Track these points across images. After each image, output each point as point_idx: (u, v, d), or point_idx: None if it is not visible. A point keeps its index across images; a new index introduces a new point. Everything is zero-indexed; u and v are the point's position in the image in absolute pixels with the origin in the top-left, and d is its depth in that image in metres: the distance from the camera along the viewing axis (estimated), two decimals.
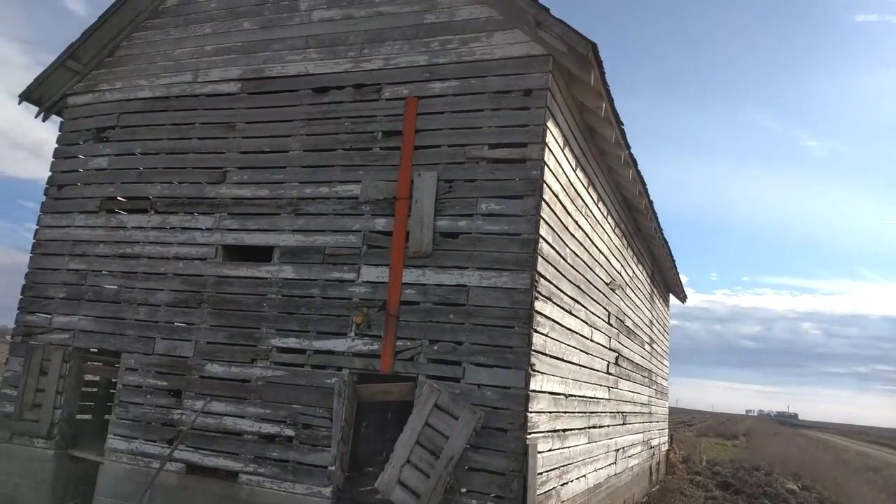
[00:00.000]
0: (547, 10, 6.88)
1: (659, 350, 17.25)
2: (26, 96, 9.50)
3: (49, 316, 8.74)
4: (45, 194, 9.30)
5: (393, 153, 7.45)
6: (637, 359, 13.51)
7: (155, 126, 8.75)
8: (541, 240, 6.74)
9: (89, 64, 9.37)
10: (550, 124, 7.04)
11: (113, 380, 9.71)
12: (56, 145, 9.46)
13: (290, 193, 7.83)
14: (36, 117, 9.69)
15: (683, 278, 19.41)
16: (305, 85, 8.03)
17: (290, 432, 7.10)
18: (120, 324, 8.26)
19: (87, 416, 9.73)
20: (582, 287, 8.65)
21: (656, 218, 12.34)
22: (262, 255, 7.92)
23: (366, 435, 9.21)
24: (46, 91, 9.47)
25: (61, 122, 9.55)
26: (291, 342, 7.37)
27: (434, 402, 6.36)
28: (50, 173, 9.35)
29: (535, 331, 6.57)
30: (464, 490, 6.28)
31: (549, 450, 7.08)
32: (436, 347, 6.73)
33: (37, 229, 9.18)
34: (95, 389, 10.29)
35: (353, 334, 7.10)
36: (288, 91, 8.11)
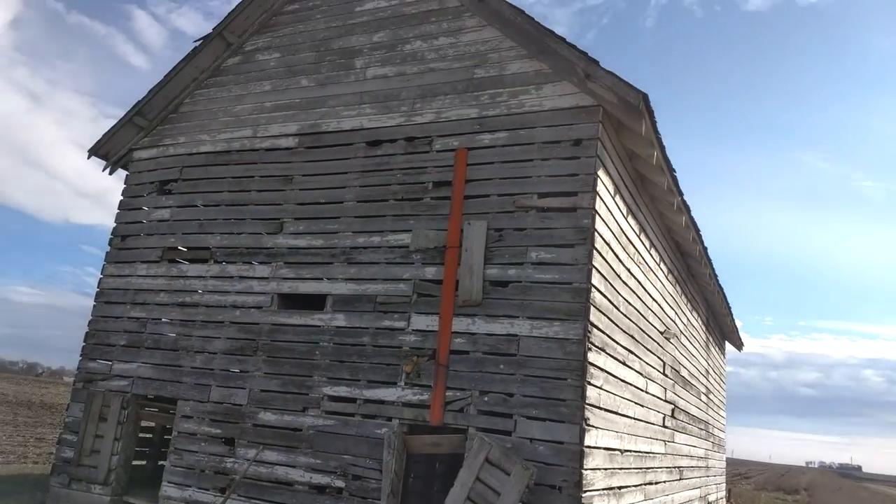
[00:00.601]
0: (596, 62, 6.97)
1: (715, 400, 16.57)
2: (95, 151, 10.05)
3: (109, 363, 9.02)
4: (109, 244, 9.71)
5: (443, 203, 7.55)
6: (693, 410, 13.01)
7: (216, 179, 9.13)
8: (593, 289, 6.66)
9: (154, 120, 9.89)
10: (601, 173, 7.04)
11: (167, 426, 9.88)
12: (121, 197, 9.93)
13: (343, 243, 7.99)
14: (103, 171, 10.21)
15: (738, 323, 18.75)
16: (359, 139, 8.28)
17: (340, 483, 7.05)
18: (177, 371, 8.46)
19: (141, 462, 9.87)
20: (636, 336, 8.46)
21: (710, 264, 12.04)
22: (315, 303, 8.05)
23: (412, 486, 9.06)
24: (114, 146, 10.01)
25: (126, 176, 10.04)
26: (342, 391, 7.40)
27: (485, 456, 6.24)
28: (114, 224, 9.79)
29: (589, 383, 6.42)
30: None
31: None
32: (486, 399, 6.64)
33: (100, 279, 9.56)
34: (150, 435, 10.46)
35: (403, 383, 7.08)
36: (343, 145, 8.37)
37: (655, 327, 9.65)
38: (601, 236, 6.98)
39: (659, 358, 9.88)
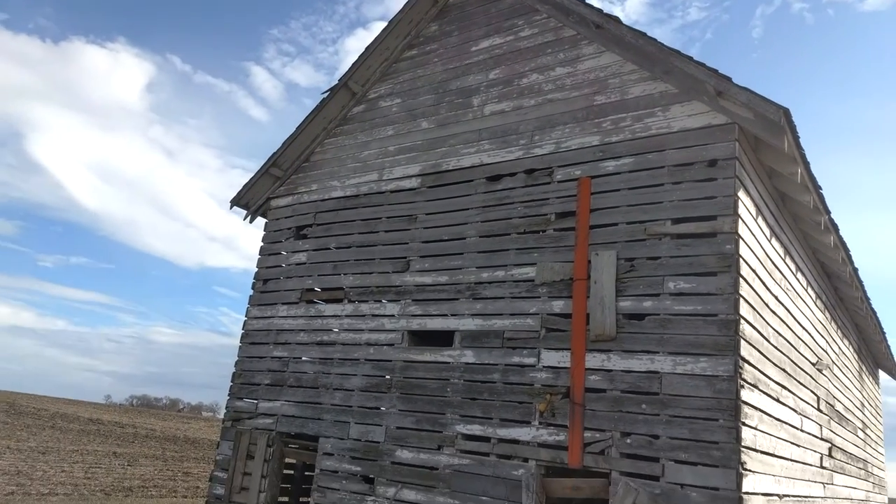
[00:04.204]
0: (728, 78, 6.57)
1: (873, 436, 14.81)
2: (236, 202, 10.87)
3: (255, 401, 9.58)
4: (252, 288, 10.41)
5: (567, 234, 7.38)
6: (851, 448, 11.67)
7: (347, 222, 9.55)
8: (741, 320, 6.16)
9: (288, 169, 10.56)
10: (741, 194, 6.57)
11: (308, 462, 10.29)
12: (261, 243, 10.64)
13: (467, 278, 8.02)
14: (244, 219, 11.01)
15: (893, 348, 16.69)
16: (480, 175, 8.34)
17: None
18: (318, 408, 8.81)
19: (284, 499, 10.31)
20: (787, 370, 7.73)
21: (862, 286, 10.86)
22: (444, 339, 8.11)
23: None
24: (253, 196, 10.79)
25: (265, 223, 10.77)
26: (476, 429, 7.34)
27: (632, 502, 5.88)
28: (256, 269, 10.49)
29: (743, 423, 5.91)
30: None
31: None
32: (629, 441, 6.30)
33: (245, 320, 10.25)
34: (292, 472, 10.92)
35: (536, 423, 6.90)
36: (463, 182, 8.47)
37: (807, 359, 8.79)
38: (746, 262, 6.48)
39: (812, 392, 8.98)
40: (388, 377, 8.27)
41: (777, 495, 6.78)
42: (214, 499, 9.43)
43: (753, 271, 6.70)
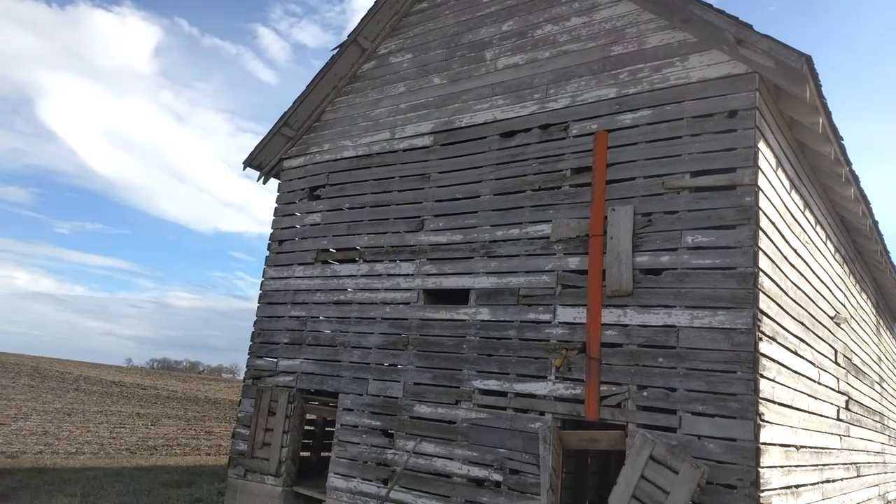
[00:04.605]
0: (749, 26, 6.38)
1: (889, 389, 14.83)
2: (249, 163, 10.83)
3: (275, 360, 9.73)
4: (268, 249, 10.46)
5: (583, 190, 7.31)
6: (867, 401, 11.70)
7: (360, 182, 9.51)
8: (760, 273, 6.12)
9: (300, 129, 10.48)
10: (761, 145, 6.44)
11: (328, 419, 10.51)
12: (275, 205, 10.65)
13: (482, 237, 8.00)
14: (258, 181, 11.00)
15: None
16: (494, 131, 8.23)
17: (497, 477, 7.09)
18: (336, 366, 8.94)
19: (306, 454, 10.56)
20: (806, 323, 7.70)
21: (882, 240, 10.72)
22: (459, 297, 8.14)
23: (564, 481, 8.93)
24: (265, 157, 10.74)
25: (279, 184, 10.75)
26: (492, 384, 7.42)
27: (649, 453, 5.96)
28: (271, 230, 10.53)
29: (762, 376, 5.92)
30: None
31: None
32: (645, 394, 6.34)
33: (262, 281, 10.34)
34: (313, 428, 11.16)
35: (553, 377, 6.96)
36: (477, 139, 8.37)
37: (825, 312, 8.74)
38: (765, 215, 6.39)
39: (830, 346, 8.96)
40: (404, 335, 8.35)
41: (794, 446, 6.84)
42: (238, 454, 9.67)
43: (773, 224, 6.62)
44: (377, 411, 8.33)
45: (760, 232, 6.20)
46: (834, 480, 8.69)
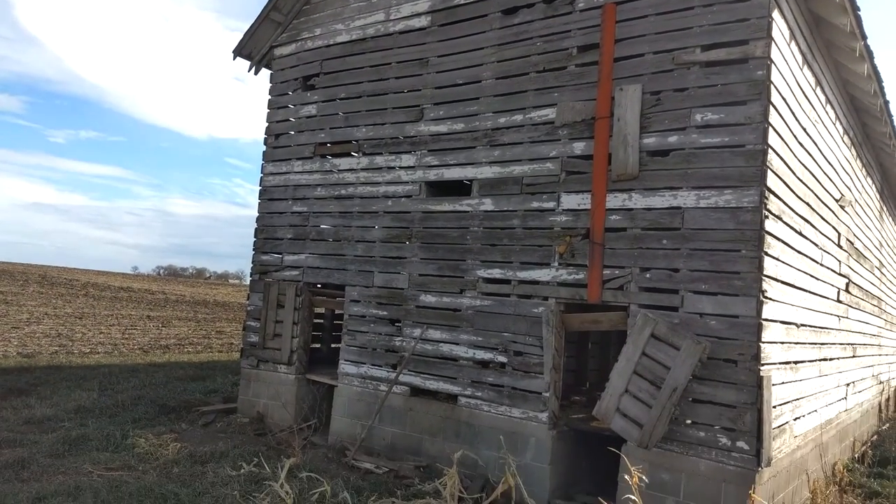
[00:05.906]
0: None
1: (889, 275, 15.04)
2: (238, 52, 10.34)
3: (280, 255, 9.77)
4: (265, 143, 10.22)
5: (589, 69, 7.02)
6: (867, 285, 11.89)
7: (354, 70, 9.12)
8: (770, 150, 5.97)
9: (290, 13, 9.91)
10: (775, 15, 6.10)
11: (337, 311, 10.71)
12: (268, 96, 10.27)
13: (484, 125, 7.77)
14: (249, 70, 10.52)
15: None
16: (495, 7, 7.78)
17: (502, 359, 7.30)
18: (341, 260, 8.99)
19: (316, 345, 10.86)
20: (811, 204, 7.63)
21: (892, 121, 10.43)
22: (462, 189, 8.02)
23: (566, 364, 9.22)
24: (255, 45, 10.22)
25: (270, 74, 10.32)
26: (496, 273, 7.47)
27: (650, 331, 6.08)
28: (266, 123, 10.23)
29: (766, 254, 5.92)
30: (689, 422, 6.01)
31: (783, 382, 6.49)
32: (648, 275, 6.38)
33: (261, 177, 10.18)
34: (322, 321, 11.41)
35: (556, 264, 6.99)
36: (477, 17, 7.93)
37: (831, 194, 8.65)
38: (777, 89, 6.15)
39: (834, 228, 8.94)
40: (408, 228, 8.32)
41: (794, 324, 6.98)
42: (249, 346, 9.94)
43: (784, 100, 6.38)
44: (384, 302, 8.46)
45: (771, 108, 5.99)
46: (831, 359, 8.97)
